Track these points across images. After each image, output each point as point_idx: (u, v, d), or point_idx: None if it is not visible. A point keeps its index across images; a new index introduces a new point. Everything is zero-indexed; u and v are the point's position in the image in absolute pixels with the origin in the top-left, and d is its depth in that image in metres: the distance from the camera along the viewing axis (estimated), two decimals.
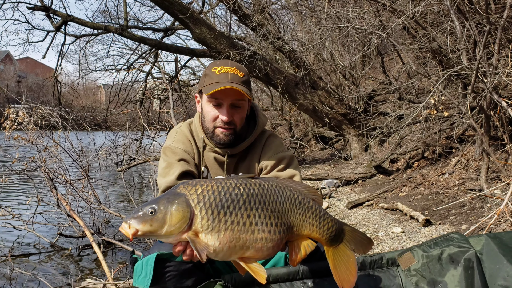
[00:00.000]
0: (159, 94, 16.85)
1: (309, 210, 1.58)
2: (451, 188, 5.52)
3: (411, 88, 7.06)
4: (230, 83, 1.98)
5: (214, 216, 1.42)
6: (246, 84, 2.05)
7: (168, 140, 2.20)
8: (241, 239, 1.43)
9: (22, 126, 5.14)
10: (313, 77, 10.27)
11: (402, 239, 4.37)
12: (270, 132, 2.25)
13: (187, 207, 1.42)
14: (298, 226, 1.56)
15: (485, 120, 4.86)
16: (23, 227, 5.05)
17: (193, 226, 1.41)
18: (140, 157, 10.68)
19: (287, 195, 1.56)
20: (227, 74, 2.02)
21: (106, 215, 5.42)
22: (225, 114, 2.02)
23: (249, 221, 1.45)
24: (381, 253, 1.82)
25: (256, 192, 1.49)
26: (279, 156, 2.13)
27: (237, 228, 1.43)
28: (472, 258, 1.72)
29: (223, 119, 2.02)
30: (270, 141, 2.19)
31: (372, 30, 6.37)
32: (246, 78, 2.06)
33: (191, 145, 2.17)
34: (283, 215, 1.52)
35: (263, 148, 2.18)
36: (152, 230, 1.39)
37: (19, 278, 3.88)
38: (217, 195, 1.45)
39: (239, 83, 2.01)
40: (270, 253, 1.52)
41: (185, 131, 2.20)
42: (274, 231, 1.48)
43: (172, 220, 1.40)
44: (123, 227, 1.41)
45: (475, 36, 4.71)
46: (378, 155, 8.61)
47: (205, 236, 1.41)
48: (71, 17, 11.62)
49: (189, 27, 9.92)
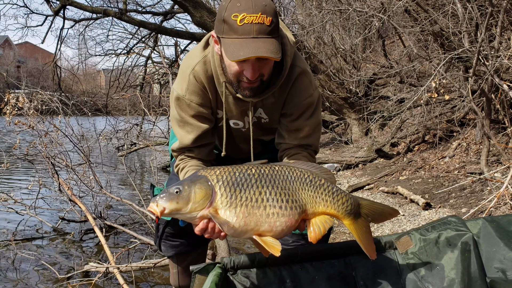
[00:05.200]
0: (159, 78, 16.79)
1: (321, 187, 1.64)
2: (452, 171, 5.53)
3: (412, 71, 7.02)
4: (256, 41, 1.64)
5: (231, 193, 1.54)
6: (275, 34, 1.69)
7: (180, 86, 1.93)
8: (254, 214, 1.53)
9: (23, 111, 5.14)
10: (314, 61, 10.21)
11: (402, 223, 4.40)
12: (301, 69, 1.93)
13: (208, 185, 1.54)
14: (312, 203, 1.62)
15: (486, 103, 4.84)
16: (26, 212, 5.08)
17: (214, 203, 1.53)
18: (141, 142, 10.72)
19: (297, 175, 1.63)
20: (252, 26, 1.65)
21: (108, 199, 5.45)
22: (250, 72, 1.73)
23: (260, 198, 1.55)
24: (379, 237, 1.84)
25: (266, 173, 1.60)
26: (306, 103, 1.94)
27: (250, 204, 1.54)
28: (469, 242, 1.73)
29: (248, 76, 1.74)
30: (299, 82, 1.93)
31: (373, 13, 6.31)
32: (275, 24, 1.69)
33: (206, 93, 1.93)
34: (294, 193, 1.60)
35: (290, 89, 1.94)
36: (178, 208, 1.51)
37: (22, 262, 3.92)
38: (232, 175, 1.57)
39: (267, 35, 1.66)
40: (284, 229, 1.56)
41: (200, 77, 1.90)
42: (285, 206, 1.56)
43: (196, 197, 1.51)
44: (151, 206, 1.51)
45: (477, 19, 4.66)
46: (379, 139, 8.61)
47: (224, 212, 1.53)
48: (69, 1, 11.51)
49: (188, 10, 9.84)
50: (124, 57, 16.83)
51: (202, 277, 1.66)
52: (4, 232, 4.78)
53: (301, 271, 1.77)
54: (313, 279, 1.76)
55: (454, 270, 1.71)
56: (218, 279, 1.59)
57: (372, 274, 1.78)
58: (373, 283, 1.77)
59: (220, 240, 3.56)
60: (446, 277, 1.72)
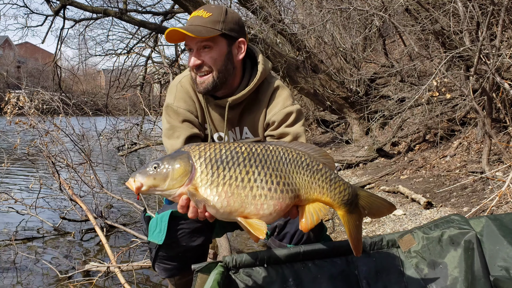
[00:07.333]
0: (159, 78, 16.79)
1: (318, 173, 1.53)
2: (453, 170, 5.52)
3: (413, 70, 7.01)
4: (186, 27, 1.86)
5: (213, 171, 1.45)
6: (210, 24, 1.86)
7: (169, 97, 2.06)
8: (239, 195, 1.44)
9: (23, 110, 5.14)
10: (314, 60, 10.20)
11: (403, 222, 4.39)
12: (278, 84, 2.06)
13: (188, 162, 1.46)
14: (306, 188, 1.52)
15: (488, 102, 4.83)
16: (26, 212, 5.08)
17: (193, 180, 1.45)
18: (141, 142, 10.71)
19: (293, 157, 1.53)
20: (192, 18, 1.91)
21: (109, 199, 5.44)
22: (190, 58, 1.91)
23: (247, 177, 1.45)
24: (381, 235, 1.83)
25: (258, 152, 1.50)
26: (286, 111, 1.99)
27: (235, 183, 1.44)
28: (472, 240, 1.72)
29: (190, 64, 1.91)
30: (278, 93, 2.03)
31: (374, 12, 6.30)
32: (213, 18, 1.87)
33: (193, 102, 2.04)
34: (287, 176, 1.49)
35: (269, 100, 2.03)
36: (156, 184, 1.45)
37: (23, 262, 3.92)
38: (217, 152, 1.48)
39: (198, 24, 1.85)
40: (273, 213, 1.47)
41: (186, 86, 2.05)
42: (275, 189, 1.46)
43: (174, 174, 1.45)
44: (129, 181, 1.47)
45: (478, 17, 4.65)
46: (380, 138, 8.60)
47: (204, 190, 1.45)
48: (70, 0, 11.52)
49: (189, 10, 9.82)
50: (124, 57, 16.85)
51: (204, 276, 1.65)
52: (4, 232, 4.78)
53: (303, 270, 1.75)
54: (315, 278, 1.75)
55: (458, 269, 1.70)
56: (220, 278, 1.58)
57: (375, 272, 1.77)
58: (376, 282, 1.76)
59: (221, 240, 3.56)
60: (449, 276, 1.72)
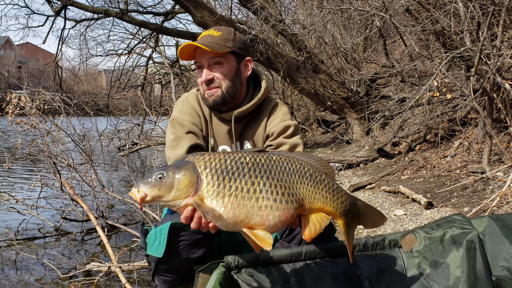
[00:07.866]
0: (160, 78, 16.79)
1: (322, 183, 1.55)
2: (453, 170, 5.52)
3: (413, 70, 7.01)
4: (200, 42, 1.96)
5: (219, 182, 1.44)
6: (222, 42, 1.99)
7: (176, 111, 2.17)
8: (245, 206, 1.44)
9: (25, 111, 5.14)
10: (315, 60, 10.20)
11: (404, 222, 4.39)
12: (278, 101, 2.22)
13: (194, 172, 1.44)
14: (310, 198, 1.53)
15: (488, 102, 4.84)
16: (27, 212, 5.07)
17: (199, 191, 1.44)
18: (142, 142, 10.72)
19: (296, 167, 1.54)
20: (203, 37, 2.02)
21: (110, 199, 5.44)
22: (201, 74, 2.02)
23: (253, 188, 1.45)
24: (383, 235, 1.83)
25: (262, 162, 1.50)
26: (285, 124, 2.10)
27: (240, 195, 1.44)
28: (474, 240, 1.72)
29: (201, 79, 2.02)
30: (277, 109, 2.17)
31: (374, 12, 6.30)
32: (224, 36, 2.01)
33: (198, 116, 2.14)
34: (291, 186, 1.50)
35: (269, 115, 2.15)
36: (160, 194, 1.42)
37: (24, 262, 3.91)
38: (223, 163, 1.47)
39: (210, 42, 1.97)
40: (277, 224, 1.48)
41: (192, 101, 2.16)
42: (280, 200, 1.47)
43: (180, 185, 1.42)
44: (133, 191, 1.44)
45: (478, 18, 4.65)
46: (380, 139, 8.60)
47: (210, 201, 1.43)
48: (70, 1, 11.52)
49: (189, 10, 9.84)
50: (125, 57, 16.84)
51: (205, 276, 1.65)
52: (6, 232, 4.78)
53: (306, 270, 1.75)
54: (317, 278, 1.75)
55: (460, 269, 1.70)
56: (222, 278, 1.57)
57: (377, 272, 1.77)
58: (378, 282, 1.76)
59: None
60: (451, 276, 1.71)
